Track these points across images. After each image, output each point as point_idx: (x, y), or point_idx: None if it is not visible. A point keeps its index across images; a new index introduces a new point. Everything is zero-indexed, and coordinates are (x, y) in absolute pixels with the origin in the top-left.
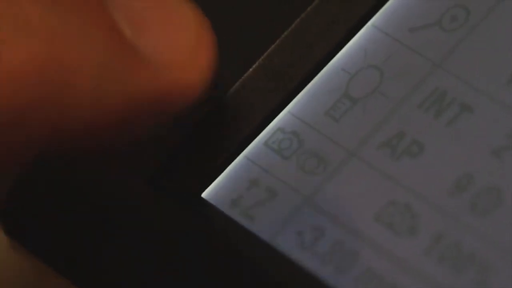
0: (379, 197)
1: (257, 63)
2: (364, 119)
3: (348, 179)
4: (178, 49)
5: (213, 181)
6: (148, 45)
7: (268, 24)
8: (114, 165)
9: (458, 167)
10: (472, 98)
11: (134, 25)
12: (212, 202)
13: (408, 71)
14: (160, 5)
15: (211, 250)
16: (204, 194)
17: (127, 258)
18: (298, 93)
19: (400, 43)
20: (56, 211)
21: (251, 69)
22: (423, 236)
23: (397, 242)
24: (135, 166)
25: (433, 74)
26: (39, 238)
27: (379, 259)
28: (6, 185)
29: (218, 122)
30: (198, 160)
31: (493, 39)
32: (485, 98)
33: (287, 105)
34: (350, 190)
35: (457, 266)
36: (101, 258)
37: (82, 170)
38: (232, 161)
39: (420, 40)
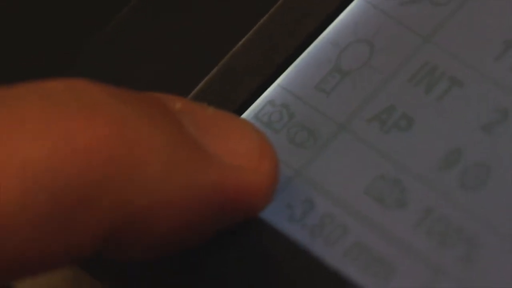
0: (369, 171)
1: (247, 36)
2: (354, 93)
3: (338, 152)
4: (243, 154)
5: None
6: (214, 147)
7: None
8: None
9: (447, 142)
10: (462, 72)
11: (199, 130)
12: None
13: (398, 45)
14: (222, 120)
15: None
16: None
17: None
18: (288, 66)
19: (390, 17)
20: None
21: (240, 42)
22: (412, 210)
23: (386, 215)
24: None
25: (423, 48)
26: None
27: (368, 232)
28: (78, 260)
29: (209, 94)
30: None
31: (484, 14)
32: (475, 73)
33: (277, 78)
34: (340, 164)
35: (445, 240)
36: None
37: None
38: None
39: (410, 14)
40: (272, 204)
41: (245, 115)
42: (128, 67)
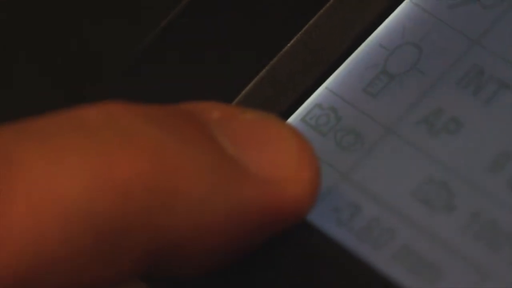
0: (416, 174)
1: (295, 38)
2: (401, 96)
3: (385, 155)
4: (281, 165)
5: None
6: (251, 161)
7: (305, 1)
8: None
9: (495, 145)
10: (510, 75)
11: (236, 143)
12: None
13: (447, 48)
14: (260, 127)
15: None
16: None
17: None
18: (336, 69)
19: (438, 19)
20: None
21: (289, 45)
22: (460, 213)
23: (433, 219)
24: None
25: (471, 51)
26: None
27: (415, 235)
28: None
29: (256, 97)
30: None
31: None
32: None
33: (325, 81)
34: (387, 167)
35: (493, 243)
36: None
37: None
38: None
39: (458, 16)
40: (319, 208)
41: (292, 118)
42: (178, 69)
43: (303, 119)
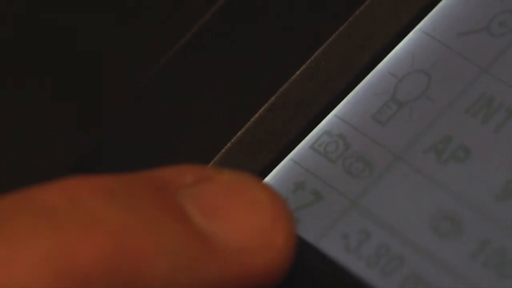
0: (425, 202)
1: (304, 66)
2: (410, 123)
3: (394, 183)
4: (253, 232)
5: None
6: (221, 231)
7: (316, 27)
8: None
9: (504, 173)
10: None
11: (206, 212)
12: None
13: (456, 76)
14: (234, 190)
15: None
16: None
17: None
18: (345, 96)
19: (448, 47)
20: None
21: (298, 72)
22: (469, 241)
23: (442, 246)
24: None
25: (480, 79)
26: None
27: (424, 263)
28: None
29: (265, 124)
30: (245, 162)
31: None
32: None
33: (333, 108)
34: (396, 194)
35: (502, 271)
36: None
37: None
38: (278, 163)
39: (468, 45)
40: (328, 234)
41: (301, 145)
42: (187, 96)
43: (312, 146)
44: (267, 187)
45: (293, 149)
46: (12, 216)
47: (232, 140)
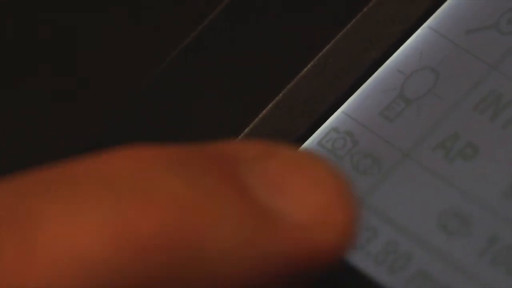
0: (433, 199)
1: (312, 63)
2: (418, 120)
3: (401, 180)
4: (315, 208)
5: None
6: (284, 207)
7: (324, 24)
8: None
9: None
10: None
11: (268, 186)
12: None
13: (464, 73)
14: (296, 166)
15: None
16: None
17: None
18: (353, 93)
19: (456, 45)
20: None
21: (306, 68)
22: (477, 238)
23: (450, 243)
24: None
25: (488, 77)
26: None
27: (432, 260)
28: None
29: (273, 121)
30: None
31: None
32: None
33: (341, 105)
34: (403, 191)
35: (510, 268)
36: None
37: None
38: None
39: (476, 42)
40: None
41: (308, 141)
42: (191, 95)
43: (319, 143)
44: (329, 166)
45: (301, 145)
46: (73, 183)
47: (239, 138)
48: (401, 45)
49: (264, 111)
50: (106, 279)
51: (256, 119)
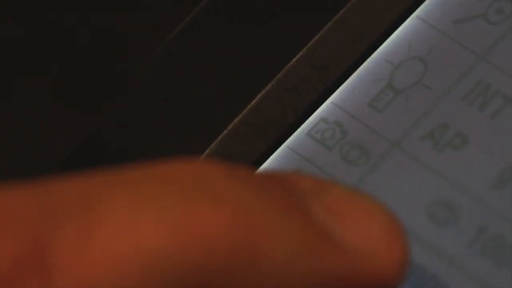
0: (421, 189)
1: (301, 53)
2: (407, 111)
3: (390, 170)
4: (373, 239)
5: (256, 170)
6: (342, 230)
7: (312, 15)
8: None
9: (501, 160)
10: None
11: (328, 214)
12: None
13: (452, 63)
14: (350, 201)
15: None
16: None
17: None
18: (342, 83)
19: (444, 34)
20: None
21: (294, 59)
22: (466, 229)
23: (439, 233)
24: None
25: (477, 67)
26: None
27: (420, 250)
28: None
29: (262, 110)
30: (241, 149)
31: None
32: None
33: (330, 95)
34: (392, 182)
35: (499, 259)
36: None
37: None
38: (275, 151)
39: (464, 32)
40: None
41: (298, 131)
42: (184, 84)
43: (308, 133)
44: (382, 204)
45: (289, 136)
46: (140, 181)
47: (228, 128)
48: (390, 35)
49: (253, 101)
50: (166, 275)
51: (245, 110)
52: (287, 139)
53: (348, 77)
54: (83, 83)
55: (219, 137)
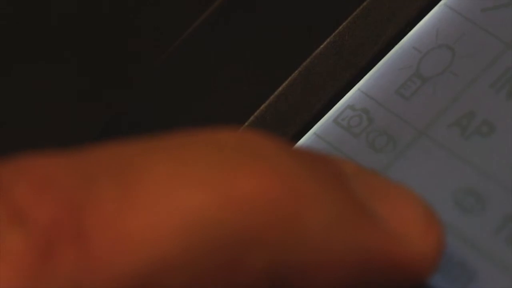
0: (448, 176)
1: (328, 40)
2: (434, 98)
3: (417, 158)
4: (411, 222)
5: None
6: (382, 212)
7: (339, 2)
8: None
9: None
10: None
11: (369, 194)
12: None
13: (480, 51)
14: (389, 187)
15: None
16: None
17: None
18: (369, 70)
19: (472, 22)
20: None
21: (322, 46)
22: (492, 216)
23: (466, 221)
24: None
25: (505, 54)
26: None
27: (447, 237)
28: None
29: (289, 97)
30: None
31: None
32: None
33: (357, 82)
34: (419, 169)
35: None
36: None
37: None
38: (301, 137)
39: (492, 20)
40: None
41: (324, 119)
42: (209, 71)
43: (335, 120)
44: (418, 194)
45: (316, 123)
46: (181, 144)
47: (255, 114)
48: (418, 23)
49: (280, 88)
50: (208, 232)
51: (272, 96)
52: (313, 126)
53: (375, 64)
54: (111, 53)
55: (246, 124)
